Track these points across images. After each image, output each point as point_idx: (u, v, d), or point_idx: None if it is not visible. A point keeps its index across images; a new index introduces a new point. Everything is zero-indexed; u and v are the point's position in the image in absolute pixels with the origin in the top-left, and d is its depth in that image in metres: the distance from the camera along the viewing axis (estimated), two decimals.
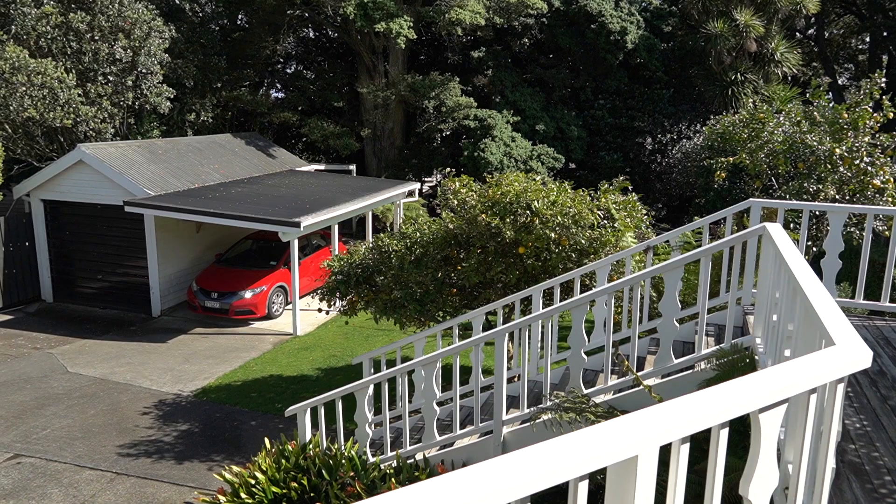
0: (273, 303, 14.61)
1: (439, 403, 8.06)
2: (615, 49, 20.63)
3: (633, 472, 1.90)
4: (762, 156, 11.80)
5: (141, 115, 18.22)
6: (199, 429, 9.04)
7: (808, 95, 12.35)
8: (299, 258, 14.18)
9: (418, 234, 8.37)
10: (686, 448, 2.07)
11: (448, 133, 23.08)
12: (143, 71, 16.76)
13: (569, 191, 7.69)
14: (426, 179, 25.45)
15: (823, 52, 26.31)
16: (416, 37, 18.45)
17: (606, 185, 8.28)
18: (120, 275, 15.26)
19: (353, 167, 22.50)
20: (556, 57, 23.51)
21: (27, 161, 16.75)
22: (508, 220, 7.26)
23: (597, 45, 20.83)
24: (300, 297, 14.72)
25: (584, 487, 1.82)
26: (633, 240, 7.42)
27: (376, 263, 8.63)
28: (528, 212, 7.34)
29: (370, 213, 17.41)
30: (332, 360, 11.98)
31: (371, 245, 8.98)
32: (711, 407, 2.04)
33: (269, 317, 14.50)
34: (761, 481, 2.23)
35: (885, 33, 24.85)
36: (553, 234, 7.15)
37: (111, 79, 16.45)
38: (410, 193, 18.81)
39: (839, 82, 28.03)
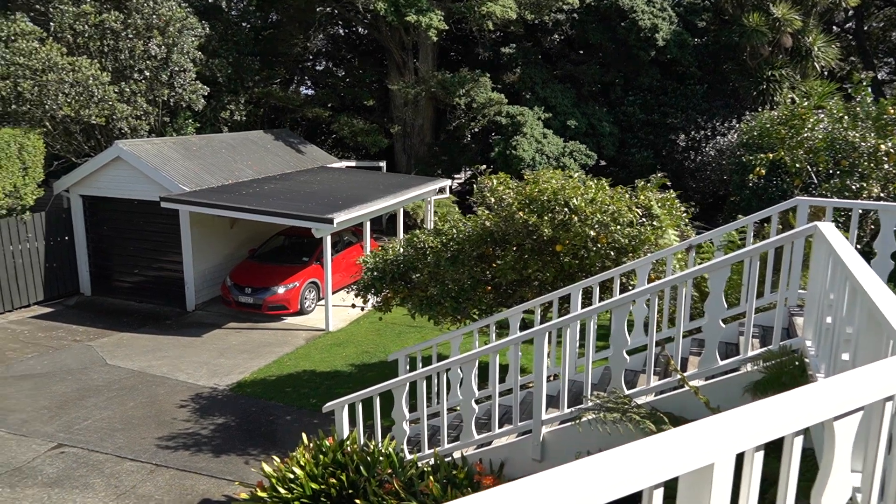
0: (305, 298, 14.72)
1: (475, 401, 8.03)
2: (646, 46, 20.36)
3: (707, 481, 1.85)
4: (801, 153, 11.56)
5: (175, 112, 18.47)
6: (235, 423, 9.15)
7: (849, 91, 12.06)
8: (331, 254, 14.26)
9: (454, 231, 8.35)
10: (760, 457, 2.02)
11: (478, 130, 23.00)
12: (177, 69, 16.98)
13: (607, 188, 7.61)
14: (455, 176, 25.41)
15: (863, 46, 25.67)
16: (446, 28, 18.39)
17: (644, 182, 8.17)
18: (156, 269, 15.50)
19: (383, 164, 22.56)
20: (586, 53, 23.29)
21: (66, 157, 17.08)
22: (546, 217, 7.20)
23: (628, 42, 20.58)
24: (332, 293, 14.80)
25: (658, 496, 1.77)
26: (675, 237, 7.31)
27: (412, 260, 8.64)
28: (565, 209, 7.27)
29: (401, 210, 17.44)
30: (364, 356, 12.04)
31: (406, 241, 8.99)
32: (787, 414, 1.99)
33: (301, 312, 14.61)
34: (834, 493, 2.17)
35: None
36: (592, 232, 7.08)
37: (146, 75, 16.70)
38: (441, 190, 18.81)
39: (879, 77, 27.32)
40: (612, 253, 7.54)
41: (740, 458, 1.90)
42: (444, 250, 8.28)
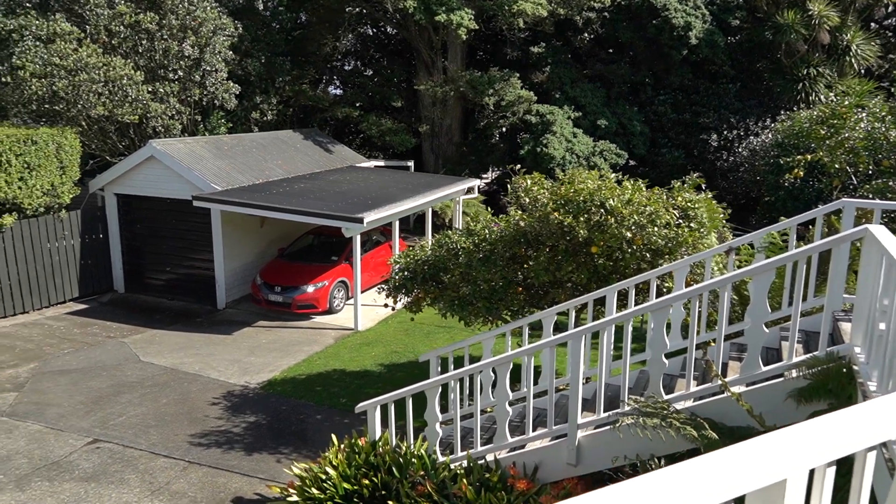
0: (334, 297, 14.77)
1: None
2: (679, 44, 20.07)
3: (779, 499, 1.77)
4: (841, 153, 11.28)
5: (207, 112, 18.67)
6: (266, 421, 9.19)
7: (892, 90, 11.72)
8: (360, 254, 14.28)
9: (486, 232, 8.29)
10: (832, 473, 1.93)
11: (506, 129, 22.88)
12: (209, 68, 17.16)
13: (643, 189, 7.48)
14: (483, 176, 25.33)
15: None
16: (476, 28, 18.31)
17: (680, 183, 8.03)
18: (187, 267, 15.68)
19: (411, 163, 22.57)
20: (615, 52, 23.05)
21: (101, 156, 17.36)
22: (582, 218, 7.10)
23: (659, 40, 20.31)
24: (361, 293, 14.82)
25: None
26: (716, 240, 7.16)
27: (443, 260, 8.59)
28: (601, 210, 7.16)
29: (430, 210, 17.42)
30: (393, 356, 12.03)
31: (436, 242, 8.94)
32: (863, 428, 1.89)
33: (330, 311, 14.67)
34: None
35: None
36: (628, 234, 6.96)
37: (180, 74, 16.90)
38: (470, 190, 18.74)
39: None
40: (647, 255, 7.41)
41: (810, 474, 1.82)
42: (477, 251, 8.23)
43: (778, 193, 16.45)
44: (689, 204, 7.66)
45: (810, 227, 6.72)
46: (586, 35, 22.91)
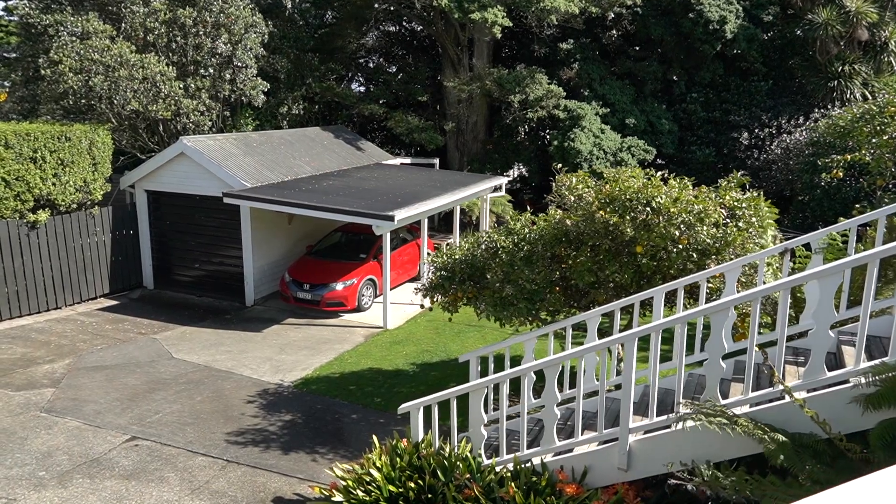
0: (363, 295, 14.72)
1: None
2: (712, 39, 19.75)
3: None
4: (886, 152, 10.98)
5: (236, 108, 18.70)
6: (302, 420, 9.14)
7: None
8: (389, 251, 14.20)
9: (525, 231, 8.16)
10: None
11: (534, 125, 22.69)
12: (239, 65, 17.19)
13: (690, 187, 7.31)
14: (507, 174, 25.18)
15: None
16: (510, 25, 18.14)
17: (727, 182, 7.83)
18: (216, 264, 15.71)
19: (436, 161, 22.47)
20: (645, 49, 22.75)
21: (132, 153, 17.46)
22: (628, 217, 6.95)
23: (693, 35, 20.00)
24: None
25: None
26: (771, 240, 6.98)
27: (481, 259, 8.47)
28: (647, 209, 7.00)
29: (458, 208, 17.30)
30: (424, 354, 11.94)
31: (474, 241, 8.83)
32: None
33: (358, 309, 14.62)
34: None
35: None
36: (676, 232, 6.80)
37: (211, 71, 16.94)
38: (497, 188, 18.61)
39: None
40: (694, 255, 7.23)
41: None
42: (517, 250, 8.10)
43: (814, 193, 16.12)
44: (736, 203, 7.48)
45: (868, 227, 6.51)
46: (615, 32, 22.65)
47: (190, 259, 15.99)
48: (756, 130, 20.32)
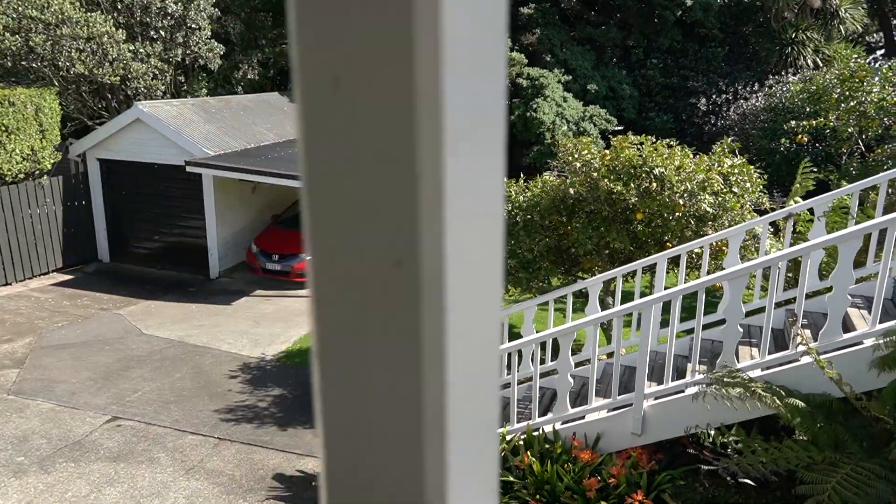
0: None
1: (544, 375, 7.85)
2: (673, 6, 19.87)
3: None
4: (852, 118, 11.32)
5: (188, 72, 17.83)
6: (292, 394, 8.93)
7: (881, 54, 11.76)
8: None
9: (520, 199, 8.07)
10: None
11: None
12: (193, 27, 16.33)
13: (690, 155, 7.35)
14: None
15: (882, 8, 25.29)
16: None
17: (720, 147, 7.91)
18: (176, 236, 15.09)
19: None
20: (603, 14, 22.74)
21: (79, 119, 16.47)
22: (632, 185, 6.94)
23: (653, 2, 20.08)
24: None
25: None
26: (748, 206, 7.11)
27: None
28: (650, 177, 7.01)
29: None
30: None
31: None
32: None
33: None
34: None
35: None
36: (681, 201, 6.83)
37: (162, 34, 16.04)
38: None
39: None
40: (692, 222, 7.31)
41: None
42: (510, 218, 8.01)
43: (772, 158, 16.57)
44: (730, 170, 7.56)
45: (871, 192, 6.69)
46: None
47: (148, 231, 15.30)
48: (713, 97, 20.70)
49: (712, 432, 5.57)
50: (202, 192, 14.27)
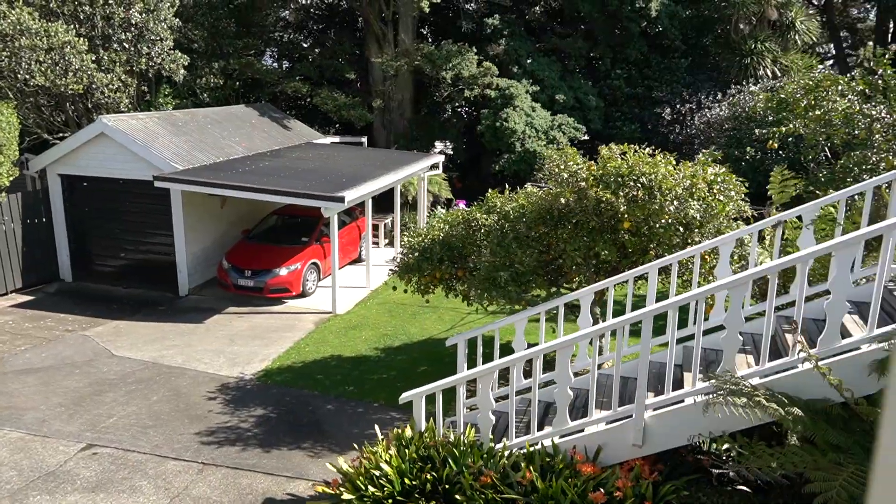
0: (307, 280, 14.16)
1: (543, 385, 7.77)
2: (638, 17, 20.21)
3: None
4: (818, 126, 11.60)
5: (152, 85, 17.38)
6: (275, 414, 8.67)
7: (868, 63, 12.13)
8: (327, 234, 13.71)
9: (508, 209, 8.02)
10: None
11: (462, 104, 22.52)
12: (154, 37, 15.93)
13: (673, 162, 7.40)
14: (435, 151, 24.94)
15: (831, 21, 26.20)
16: (439, 1, 17.76)
17: (703, 156, 8.00)
18: (143, 253, 14.63)
19: (364, 139, 21.90)
20: (568, 25, 23.00)
21: (37, 133, 15.89)
22: (621, 193, 6.94)
23: (620, 14, 20.39)
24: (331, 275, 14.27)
25: None
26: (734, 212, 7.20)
27: (461, 239, 8.27)
28: (639, 185, 7.02)
29: (398, 187, 16.94)
30: (385, 339, 11.64)
31: (451, 220, 8.61)
32: None
33: (303, 295, 14.06)
34: None
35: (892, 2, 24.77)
36: (671, 208, 6.86)
37: (125, 45, 15.60)
38: (434, 166, 18.36)
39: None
40: (680, 228, 7.35)
41: None
42: (498, 228, 7.95)
43: (738, 165, 16.91)
44: (714, 178, 7.64)
45: (856, 198, 6.81)
46: (539, 7, 22.74)
47: (113, 248, 14.81)
48: (678, 106, 21.07)
49: (714, 440, 5.58)
50: (170, 208, 13.88)
